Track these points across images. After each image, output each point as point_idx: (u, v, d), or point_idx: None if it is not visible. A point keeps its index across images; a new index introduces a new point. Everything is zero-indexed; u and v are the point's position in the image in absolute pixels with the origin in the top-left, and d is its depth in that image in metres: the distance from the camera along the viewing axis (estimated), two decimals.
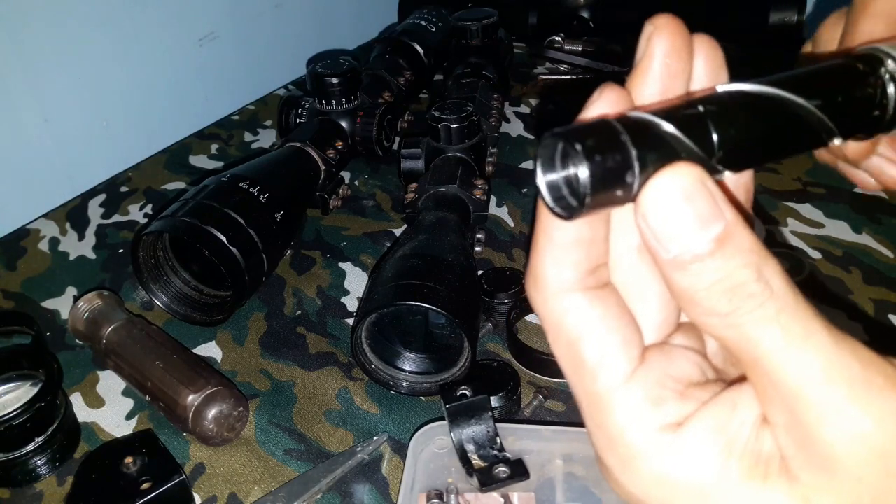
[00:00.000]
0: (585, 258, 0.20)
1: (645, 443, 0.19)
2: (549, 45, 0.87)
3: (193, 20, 0.80)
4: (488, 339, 0.51)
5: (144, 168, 0.74)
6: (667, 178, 0.17)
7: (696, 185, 0.17)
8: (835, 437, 0.17)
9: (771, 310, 0.17)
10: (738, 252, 0.17)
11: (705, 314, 0.18)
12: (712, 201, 0.17)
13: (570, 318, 0.20)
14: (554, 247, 0.20)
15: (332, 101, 0.66)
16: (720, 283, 0.17)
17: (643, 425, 0.19)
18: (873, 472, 0.17)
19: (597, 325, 0.20)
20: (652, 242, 0.18)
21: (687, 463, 0.19)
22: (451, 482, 0.38)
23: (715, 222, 0.17)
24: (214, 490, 0.42)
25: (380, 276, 0.46)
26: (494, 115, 0.69)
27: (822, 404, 0.17)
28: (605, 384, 0.20)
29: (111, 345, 0.49)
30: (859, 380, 0.17)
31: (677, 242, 0.17)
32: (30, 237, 0.65)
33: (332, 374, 0.50)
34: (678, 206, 0.17)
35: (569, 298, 0.20)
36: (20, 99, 0.67)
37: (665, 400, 0.20)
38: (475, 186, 0.58)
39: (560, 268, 0.20)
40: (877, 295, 0.52)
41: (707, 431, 0.19)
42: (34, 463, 0.43)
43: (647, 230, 0.18)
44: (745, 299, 0.17)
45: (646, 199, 0.17)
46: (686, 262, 0.17)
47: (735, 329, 0.18)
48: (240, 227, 0.49)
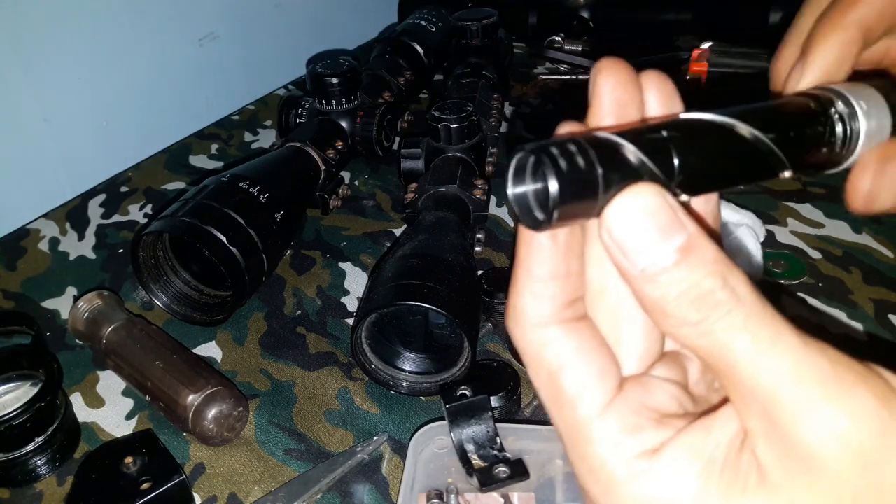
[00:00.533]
0: (561, 292, 0.21)
1: (624, 469, 0.20)
2: (549, 45, 0.87)
3: (193, 20, 0.80)
4: (488, 339, 0.51)
5: (144, 168, 0.74)
6: (628, 195, 0.18)
7: (656, 201, 0.18)
8: (811, 436, 0.17)
9: (739, 316, 0.18)
10: (701, 262, 0.18)
11: (677, 325, 0.19)
12: (672, 215, 0.18)
13: (547, 351, 0.21)
14: (532, 281, 0.21)
15: (332, 101, 0.66)
16: (687, 293, 0.18)
17: (621, 453, 0.20)
18: (852, 467, 0.17)
19: (573, 357, 0.20)
20: (619, 258, 0.18)
21: (666, 486, 0.19)
22: (451, 482, 0.38)
23: (677, 234, 0.18)
24: (214, 490, 0.42)
25: (380, 276, 0.46)
26: (494, 115, 0.69)
27: (796, 405, 0.18)
28: (583, 414, 0.20)
29: (111, 345, 0.49)
30: (830, 378, 0.18)
31: (642, 255, 0.18)
32: (30, 237, 0.65)
33: (332, 374, 0.50)
34: (640, 221, 0.18)
35: (546, 331, 0.21)
36: (20, 99, 0.67)
37: (642, 428, 0.20)
38: (475, 186, 0.58)
39: (538, 302, 0.21)
40: (877, 295, 0.52)
41: (684, 454, 0.19)
42: (34, 463, 0.43)
43: (612, 246, 0.18)
44: (713, 308, 0.18)
45: (609, 216, 0.18)
46: (653, 274, 0.18)
47: (706, 337, 0.18)
48: (240, 227, 0.49)
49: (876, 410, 0.17)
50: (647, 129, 0.19)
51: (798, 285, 0.54)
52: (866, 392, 0.18)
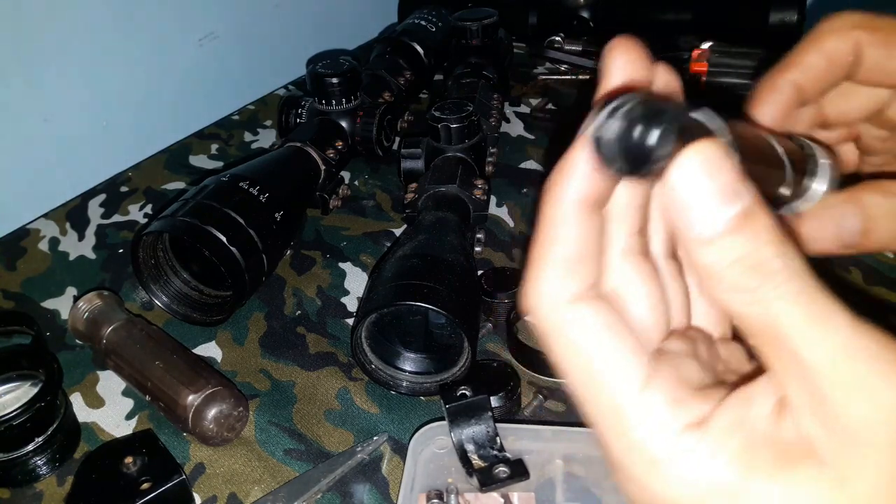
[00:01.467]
0: (589, 268, 0.20)
1: (670, 447, 0.19)
2: (549, 45, 0.87)
3: (193, 20, 0.80)
4: (488, 339, 0.51)
5: (144, 168, 0.74)
6: (693, 154, 0.17)
7: (723, 161, 0.18)
8: (862, 412, 0.17)
9: (793, 287, 0.18)
10: (762, 229, 0.18)
11: (729, 290, 0.18)
12: (737, 178, 0.18)
13: (577, 331, 0.20)
14: (558, 257, 0.20)
15: (332, 101, 0.66)
16: (744, 260, 0.18)
17: (666, 429, 0.19)
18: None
19: (606, 336, 0.20)
20: (679, 217, 0.18)
21: (715, 462, 0.19)
22: (451, 482, 0.38)
23: (739, 199, 0.18)
24: (214, 490, 0.42)
25: (380, 276, 0.46)
26: (494, 115, 0.69)
27: (846, 380, 0.17)
28: (623, 392, 0.20)
29: (111, 345, 0.49)
30: (880, 356, 0.18)
31: (704, 217, 0.18)
32: (30, 237, 0.65)
33: (332, 374, 0.50)
34: (705, 181, 0.17)
35: (575, 310, 0.20)
36: (20, 99, 0.67)
37: (684, 401, 0.20)
38: (475, 186, 0.58)
39: (565, 279, 0.20)
40: (877, 295, 0.52)
41: (728, 428, 0.19)
42: (34, 463, 0.43)
43: (674, 205, 0.18)
44: (768, 276, 0.18)
45: (675, 174, 0.18)
46: (711, 237, 0.18)
47: (758, 306, 0.18)
48: (240, 227, 0.49)
49: None
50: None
51: None
52: None
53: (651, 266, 0.23)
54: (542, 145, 0.73)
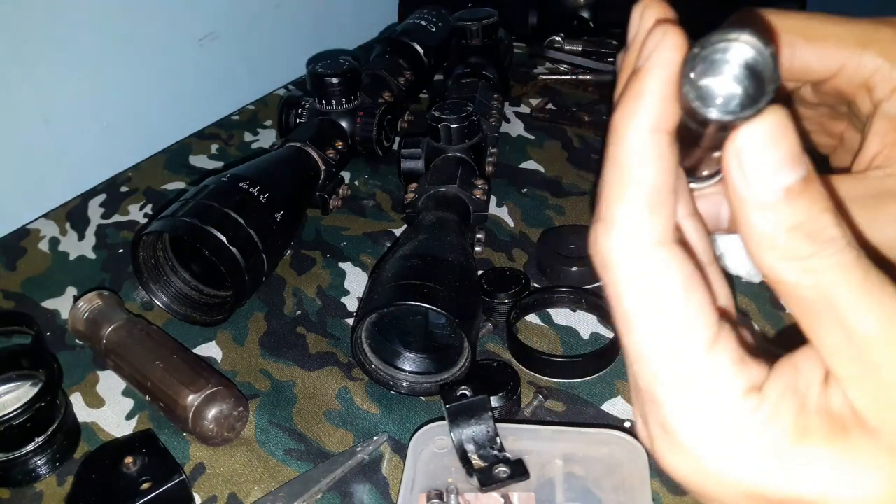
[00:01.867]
0: (671, 208, 0.19)
1: (734, 409, 0.19)
2: (549, 45, 0.87)
3: (193, 20, 0.80)
4: (488, 339, 0.51)
5: (144, 168, 0.74)
6: (761, 121, 0.17)
7: (787, 129, 0.17)
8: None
9: (847, 258, 0.18)
10: (818, 198, 0.18)
11: (783, 258, 0.18)
12: (798, 147, 0.17)
13: (664, 275, 0.19)
14: (639, 194, 0.19)
15: (332, 101, 0.66)
16: (802, 226, 0.17)
17: (732, 390, 0.19)
18: None
19: (689, 284, 0.19)
20: (740, 181, 0.18)
21: (772, 429, 0.19)
22: (451, 482, 0.38)
23: (801, 165, 0.17)
24: (214, 490, 0.42)
25: (380, 277, 0.46)
26: (494, 115, 0.69)
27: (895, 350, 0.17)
28: (697, 345, 0.19)
29: (111, 345, 0.49)
30: None
31: (767, 182, 0.17)
32: (30, 237, 0.65)
33: (332, 374, 0.50)
34: (770, 147, 0.17)
35: (664, 251, 0.19)
36: (20, 99, 0.67)
37: (747, 363, 0.19)
38: (475, 186, 0.58)
39: (649, 219, 0.19)
40: None
41: (783, 394, 0.19)
42: (34, 463, 0.43)
43: (737, 168, 0.18)
44: (826, 243, 0.17)
45: (742, 138, 0.17)
46: (773, 202, 0.17)
47: (812, 274, 0.18)
48: (240, 227, 0.49)
49: None
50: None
51: None
52: None
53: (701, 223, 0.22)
54: (542, 145, 0.73)
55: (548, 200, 0.64)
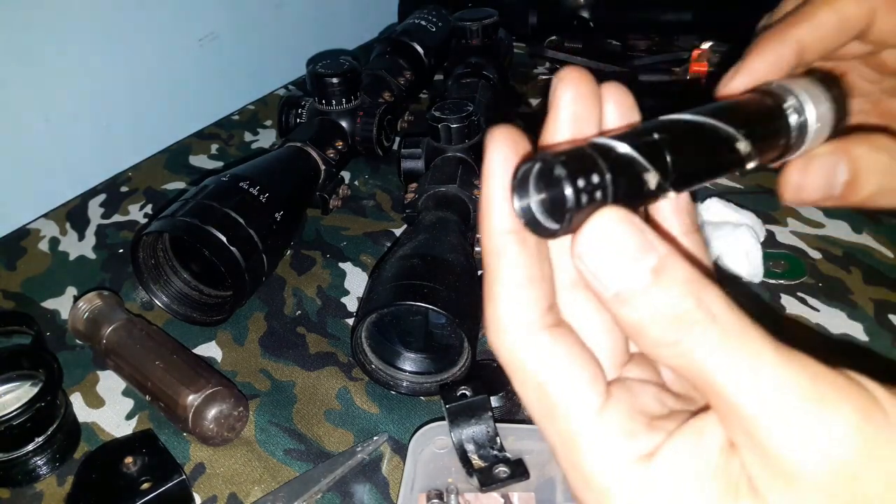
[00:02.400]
0: (541, 295, 0.20)
1: (620, 477, 0.19)
2: (549, 45, 0.87)
3: (193, 20, 0.80)
4: None
5: (144, 168, 0.74)
6: (596, 220, 0.18)
7: (623, 224, 0.18)
8: (794, 452, 0.17)
9: (714, 335, 0.18)
10: (674, 282, 0.18)
11: (654, 345, 0.18)
12: (642, 236, 0.18)
13: (535, 359, 0.20)
14: (509, 289, 0.20)
15: (332, 101, 0.66)
16: (662, 314, 0.18)
17: (617, 459, 0.20)
18: (835, 482, 0.17)
19: (563, 364, 0.20)
20: (592, 281, 0.18)
21: (663, 493, 0.19)
22: (451, 482, 0.38)
23: (648, 255, 0.18)
24: (214, 490, 0.42)
25: (380, 277, 0.46)
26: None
27: (776, 422, 0.18)
28: (577, 422, 0.20)
29: (111, 345, 0.49)
30: (811, 395, 0.18)
31: (615, 278, 0.18)
32: (30, 237, 0.65)
33: (332, 374, 0.50)
34: (611, 245, 0.18)
35: (532, 339, 0.20)
36: (20, 99, 0.67)
37: (636, 433, 0.20)
38: (475, 186, 0.58)
39: (519, 309, 0.20)
40: (877, 295, 0.52)
41: (678, 459, 0.19)
42: (34, 463, 0.43)
43: (585, 270, 0.18)
44: (689, 327, 0.18)
45: (580, 241, 0.18)
46: (627, 297, 0.18)
47: (684, 357, 0.18)
48: (240, 227, 0.49)
49: (856, 424, 0.17)
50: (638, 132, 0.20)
51: (798, 285, 0.54)
52: (847, 407, 0.18)
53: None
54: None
55: None
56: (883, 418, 0.18)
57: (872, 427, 0.17)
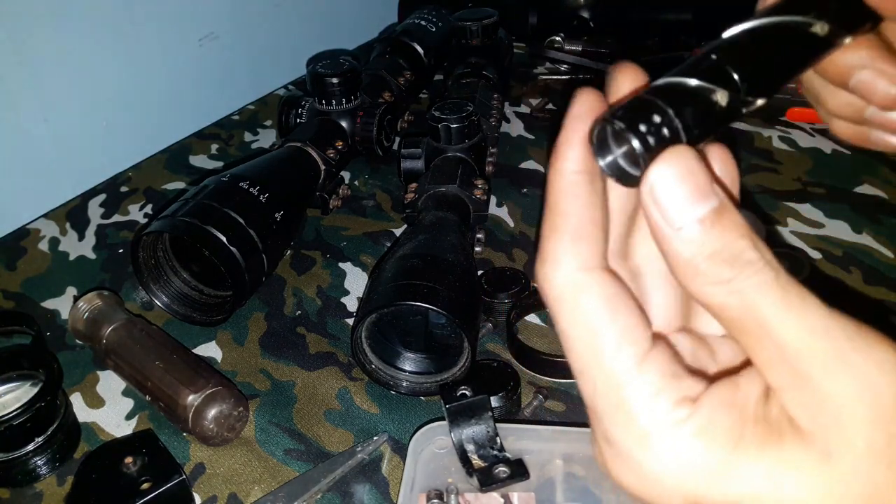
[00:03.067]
0: (594, 238, 0.21)
1: (665, 417, 0.20)
2: (549, 45, 0.87)
3: (193, 20, 0.80)
4: (488, 339, 0.51)
5: (144, 168, 0.74)
6: (666, 160, 0.19)
7: (692, 165, 0.19)
8: (843, 387, 0.18)
9: (769, 275, 0.19)
10: (734, 224, 0.19)
11: (708, 283, 0.19)
12: (707, 180, 0.19)
13: (589, 297, 0.20)
14: (572, 226, 0.21)
15: (332, 101, 0.66)
16: (721, 252, 0.19)
17: (662, 401, 0.20)
18: (884, 415, 0.18)
19: (617, 304, 0.21)
20: (656, 216, 0.19)
21: (705, 435, 0.19)
22: (451, 482, 0.38)
23: (711, 197, 0.19)
24: (214, 490, 0.42)
25: (380, 276, 0.46)
26: (494, 115, 0.69)
27: (825, 358, 0.18)
28: (626, 362, 0.20)
29: (111, 345, 0.49)
30: (856, 335, 0.19)
31: (680, 215, 0.19)
32: (30, 237, 0.65)
33: (332, 374, 0.50)
34: (678, 184, 0.19)
35: (588, 276, 0.21)
36: (20, 99, 0.67)
37: (680, 376, 0.20)
38: (475, 186, 0.58)
39: (578, 245, 0.21)
40: (877, 295, 0.52)
41: (719, 405, 0.20)
42: (34, 463, 0.43)
43: (652, 204, 0.19)
44: (744, 265, 0.19)
45: (652, 176, 0.19)
46: (689, 233, 0.19)
47: (738, 295, 0.19)
48: (240, 227, 0.49)
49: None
50: (698, 59, 0.20)
51: None
52: (889, 347, 0.19)
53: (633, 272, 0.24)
54: (542, 145, 0.73)
55: None
56: None
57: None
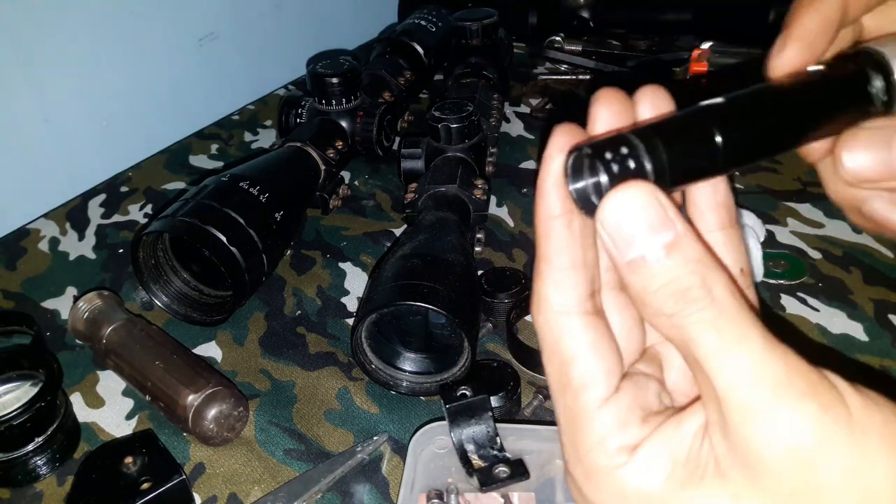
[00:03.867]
0: (582, 282, 0.22)
1: (605, 460, 0.22)
2: (549, 45, 0.87)
3: (193, 20, 0.80)
4: (488, 339, 0.51)
5: (144, 168, 0.74)
6: (621, 192, 0.19)
7: (647, 199, 0.19)
8: (755, 436, 0.19)
9: (709, 314, 0.19)
10: (684, 260, 0.19)
11: (653, 314, 0.20)
12: (662, 213, 0.19)
13: (565, 340, 0.22)
14: (554, 270, 0.22)
15: (332, 101, 0.66)
16: (667, 287, 0.19)
17: (607, 445, 0.22)
18: (791, 468, 0.19)
19: (588, 350, 0.22)
20: (609, 247, 0.20)
21: (637, 477, 0.21)
22: (451, 482, 0.38)
23: (664, 231, 0.19)
24: (214, 490, 0.42)
25: (380, 276, 0.46)
26: (494, 115, 0.69)
27: (746, 405, 0.19)
28: (585, 405, 0.22)
29: (111, 345, 0.49)
30: (783, 383, 0.19)
31: (631, 247, 0.19)
32: (30, 237, 0.65)
33: (332, 374, 0.50)
34: (631, 216, 0.19)
35: (567, 321, 0.22)
36: (20, 99, 0.67)
37: (629, 425, 0.22)
38: (475, 186, 0.58)
39: (561, 291, 0.22)
40: (877, 295, 0.52)
41: (655, 450, 0.21)
42: (34, 463, 0.43)
43: (605, 236, 0.20)
44: (687, 303, 0.19)
45: (605, 208, 0.20)
46: (638, 266, 0.19)
47: (678, 329, 0.20)
48: (240, 227, 0.49)
49: (818, 418, 0.19)
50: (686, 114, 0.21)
51: (798, 285, 0.54)
52: (812, 400, 0.19)
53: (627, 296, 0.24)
54: (542, 145, 0.73)
55: None
56: (845, 415, 0.19)
57: (833, 422, 0.19)
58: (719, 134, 0.20)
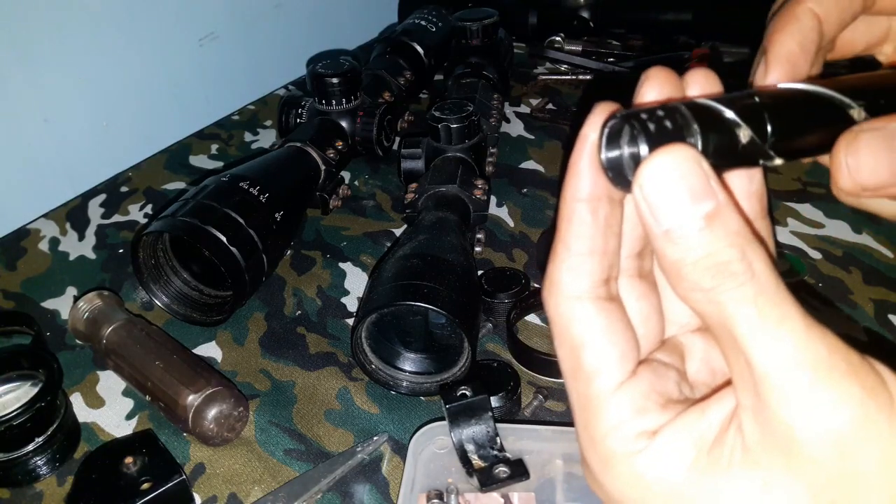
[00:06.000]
0: (598, 268, 0.21)
1: (623, 446, 0.21)
2: (549, 45, 0.87)
3: (193, 20, 0.80)
4: (488, 339, 0.51)
5: (144, 168, 0.74)
6: (663, 156, 0.18)
7: (690, 165, 0.18)
8: (794, 419, 0.18)
9: (750, 290, 0.18)
10: (725, 232, 0.18)
11: (690, 289, 0.19)
12: (705, 180, 0.18)
13: (576, 325, 0.21)
14: (570, 255, 0.21)
15: (332, 101, 0.66)
16: (705, 259, 0.18)
17: (623, 431, 0.21)
18: (829, 453, 0.18)
19: (600, 335, 0.21)
20: (646, 215, 0.19)
21: (658, 464, 0.20)
22: (451, 482, 0.38)
23: (706, 200, 0.18)
24: (214, 490, 0.42)
25: (380, 277, 0.46)
26: (494, 116, 0.69)
27: (785, 386, 0.18)
28: (598, 390, 0.21)
29: (111, 345, 0.49)
30: (824, 366, 0.18)
31: (669, 215, 0.18)
32: (30, 237, 0.65)
33: (332, 374, 0.50)
34: (673, 182, 0.18)
35: (579, 306, 0.21)
36: (20, 99, 0.67)
37: (647, 411, 0.21)
38: (475, 186, 0.58)
39: (574, 276, 0.21)
40: (877, 295, 0.52)
41: (677, 436, 0.20)
42: (34, 463, 0.43)
43: (642, 203, 0.19)
44: (727, 277, 0.18)
45: (644, 173, 0.18)
46: (676, 236, 0.18)
47: (715, 305, 0.19)
48: (240, 227, 0.49)
49: (860, 401, 0.18)
50: (740, 95, 0.20)
51: (798, 285, 0.54)
52: (854, 383, 0.18)
53: (648, 284, 0.24)
54: (541, 145, 0.73)
55: (548, 200, 0.64)
56: (888, 401, 0.18)
57: (875, 407, 0.18)
58: (770, 123, 0.19)
